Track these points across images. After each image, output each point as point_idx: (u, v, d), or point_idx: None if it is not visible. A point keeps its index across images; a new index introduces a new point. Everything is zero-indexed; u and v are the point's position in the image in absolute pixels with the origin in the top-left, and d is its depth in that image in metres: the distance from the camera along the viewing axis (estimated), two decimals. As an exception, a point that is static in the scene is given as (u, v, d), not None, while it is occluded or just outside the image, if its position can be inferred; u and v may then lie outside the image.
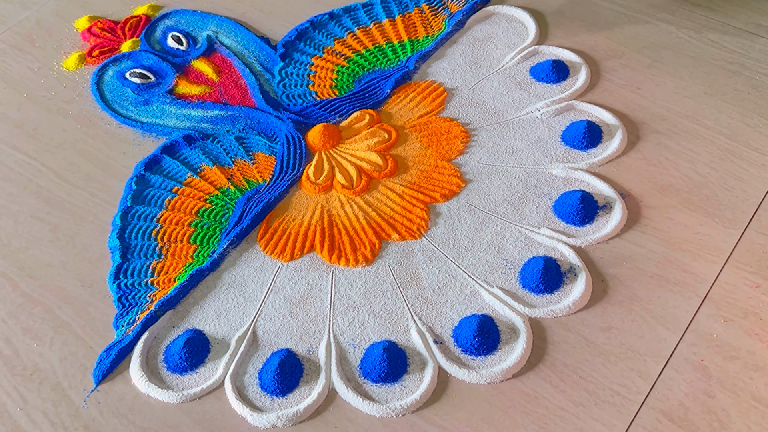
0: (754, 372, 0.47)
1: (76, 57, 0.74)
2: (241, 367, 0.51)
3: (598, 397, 0.47)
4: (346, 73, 0.70)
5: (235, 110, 0.68)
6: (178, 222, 0.60)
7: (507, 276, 0.54)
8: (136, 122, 0.68)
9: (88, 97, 0.71)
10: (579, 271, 0.53)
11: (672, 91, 0.62)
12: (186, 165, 0.64)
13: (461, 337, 0.50)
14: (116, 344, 0.52)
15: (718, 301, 0.51)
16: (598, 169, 0.60)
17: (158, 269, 0.57)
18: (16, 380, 0.52)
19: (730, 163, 0.59)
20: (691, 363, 0.48)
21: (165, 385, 0.50)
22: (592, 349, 0.49)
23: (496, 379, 0.49)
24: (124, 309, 0.55)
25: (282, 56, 0.72)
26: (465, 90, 0.67)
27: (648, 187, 0.58)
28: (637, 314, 0.51)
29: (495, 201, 0.59)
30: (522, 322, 0.51)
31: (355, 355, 0.51)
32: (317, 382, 0.50)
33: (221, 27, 0.76)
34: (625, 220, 0.56)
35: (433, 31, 0.73)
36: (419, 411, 0.48)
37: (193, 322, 0.54)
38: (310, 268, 0.56)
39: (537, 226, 0.56)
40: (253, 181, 0.62)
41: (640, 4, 0.73)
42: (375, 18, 0.75)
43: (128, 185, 0.63)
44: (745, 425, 0.45)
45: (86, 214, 0.61)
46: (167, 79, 0.72)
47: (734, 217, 0.55)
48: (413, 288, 0.54)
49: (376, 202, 0.59)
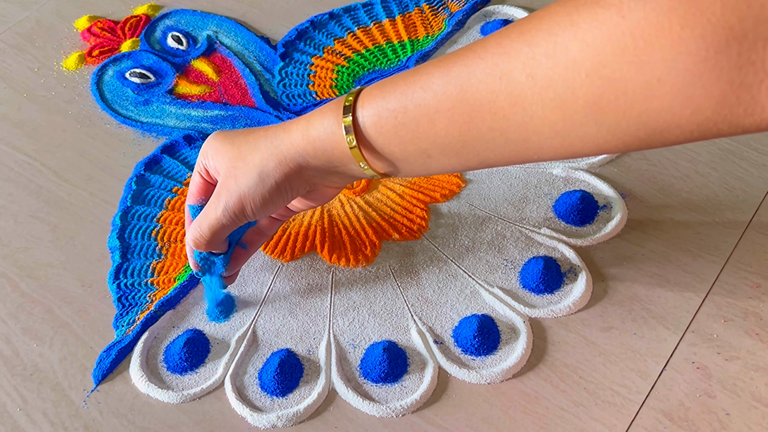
0: (755, 372, 0.47)
1: (76, 57, 0.75)
2: (241, 367, 0.51)
3: (598, 397, 0.47)
4: (346, 73, 0.71)
5: (235, 110, 0.68)
6: (178, 222, 0.60)
7: (507, 276, 0.54)
8: (136, 122, 0.68)
9: (88, 97, 0.71)
10: (579, 271, 0.53)
11: (672, 91, 0.62)
12: (186, 165, 0.64)
13: (461, 337, 0.50)
14: (116, 344, 0.52)
15: (718, 301, 0.51)
16: (598, 169, 0.60)
17: (158, 269, 0.57)
18: (16, 380, 0.52)
19: (730, 163, 0.59)
20: (691, 363, 0.48)
21: (165, 385, 0.50)
22: (592, 349, 0.50)
23: (496, 379, 0.49)
24: (124, 309, 0.55)
25: (282, 56, 0.72)
26: (465, 90, 0.67)
27: (648, 187, 0.58)
28: (637, 314, 0.51)
29: (495, 201, 0.59)
30: (522, 322, 0.51)
31: (355, 355, 0.51)
32: (317, 382, 0.50)
33: (221, 27, 0.76)
34: (626, 220, 0.56)
35: (434, 30, 0.73)
36: (419, 411, 0.48)
37: (193, 322, 0.54)
38: (310, 268, 0.56)
39: (537, 226, 0.56)
40: (253, 181, 0.62)
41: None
42: (375, 18, 0.75)
43: (128, 185, 0.63)
44: (746, 425, 0.45)
45: (86, 214, 0.61)
46: (167, 78, 0.72)
47: (734, 217, 0.55)
48: (413, 288, 0.54)
49: (376, 202, 0.59)
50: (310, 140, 0.43)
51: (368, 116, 0.41)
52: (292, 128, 0.44)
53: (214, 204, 0.46)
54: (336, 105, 0.43)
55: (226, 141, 0.47)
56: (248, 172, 0.45)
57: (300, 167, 0.44)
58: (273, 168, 0.44)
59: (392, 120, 0.41)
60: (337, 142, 0.42)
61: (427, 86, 0.39)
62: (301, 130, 0.44)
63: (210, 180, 0.49)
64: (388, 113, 0.41)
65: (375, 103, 0.41)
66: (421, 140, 0.40)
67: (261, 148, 0.45)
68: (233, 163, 0.45)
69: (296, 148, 0.44)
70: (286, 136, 0.44)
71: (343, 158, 0.43)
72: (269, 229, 0.53)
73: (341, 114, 0.42)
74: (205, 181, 0.49)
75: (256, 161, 0.45)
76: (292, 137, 0.44)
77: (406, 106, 0.40)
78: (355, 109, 0.42)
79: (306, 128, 0.44)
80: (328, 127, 0.42)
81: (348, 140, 0.42)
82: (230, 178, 0.45)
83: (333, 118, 0.43)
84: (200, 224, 0.47)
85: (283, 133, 0.45)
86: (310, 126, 0.43)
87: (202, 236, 0.47)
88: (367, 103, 0.42)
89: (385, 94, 0.41)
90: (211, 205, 0.46)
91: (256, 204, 0.45)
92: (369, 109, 0.41)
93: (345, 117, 0.42)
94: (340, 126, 0.42)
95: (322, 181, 0.47)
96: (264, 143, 0.45)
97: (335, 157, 0.43)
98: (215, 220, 0.46)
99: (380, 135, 0.41)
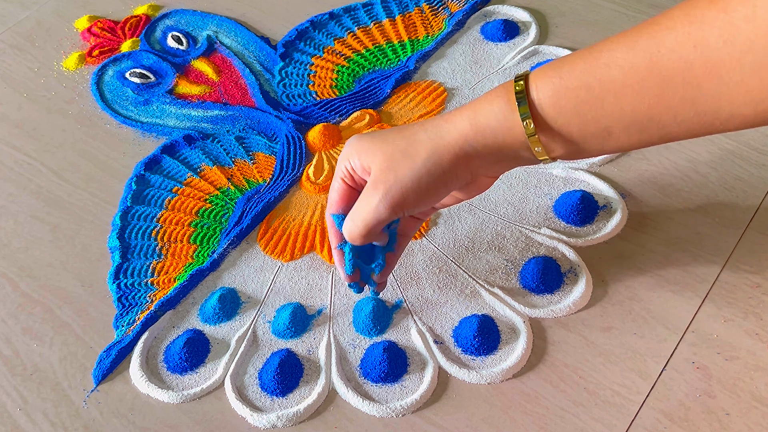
0: (755, 372, 0.47)
1: (76, 57, 0.75)
2: (241, 367, 0.51)
3: (598, 397, 0.47)
4: (347, 73, 0.71)
5: (235, 110, 0.68)
6: (178, 222, 0.60)
7: (507, 276, 0.54)
8: (136, 122, 0.68)
9: (88, 97, 0.71)
10: (579, 271, 0.53)
11: (672, 91, 0.61)
12: (186, 165, 0.64)
13: (461, 337, 0.50)
14: (116, 344, 0.52)
15: (718, 301, 0.51)
16: (598, 169, 0.60)
17: (158, 269, 0.57)
18: (16, 380, 0.52)
19: (730, 163, 0.59)
20: (691, 363, 0.48)
21: (165, 385, 0.50)
22: (592, 349, 0.49)
23: (496, 379, 0.49)
24: (124, 309, 0.55)
25: (282, 56, 0.72)
26: (465, 90, 0.67)
27: (648, 187, 0.58)
28: (637, 314, 0.51)
29: (495, 201, 0.59)
30: (522, 322, 0.51)
31: (355, 355, 0.51)
32: (317, 382, 0.50)
33: (221, 27, 0.77)
34: (625, 220, 0.56)
35: (433, 30, 0.73)
36: (419, 411, 0.48)
37: (193, 322, 0.54)
38: (310, 268, 0.56)
39: (537, 226, 0.56)
40: (253, 181, 0.62)
41: (641, 4, 0.73)
42: (375, 18, 0.75)
43: (128, 185, 0.63)
44: (746, 425, 0.45)
45: (86, 214, 0.61)
46: (167, 79, 0.72)
47: (734, 217, 0.55)
48: (413, 288, 0.54)
49: (376, 202, 0.59)
50: (479, 128, 0.42)
51: (546, 98, 0.40)
52: (455, 119, 0.43)
53: (368, 198, 0.44)
54: (503, 90, 0.42)
55: (375, 139, 0.46)
56: (410, 164, 0.44)
57: (468, 157, 0.44)
58: (438, 159, 0.44)
59: (573, 99, 0.40)
60: (510, 128, 0.42)
61: (611, 62, 0.39)
62: (467, 119, 0.43)
63: (355, 184, 0.48)
64: (569, 93, 0.40)
65: (552, 85, 0.41)
66: (604, 118, 0.40)
67: (422, 140, 0.44)
68: (391, 157, 0.45)
69: (464, 137, 0.43)
70: (451, 127, 0.44)
71: (515, 144, 0.42)
72: (410, 229, 0.52)
73: (513, 99, 0.41)
74: (349, 187, 0.48)
75: (420, 153, 0.44)
76: (457, 127, 0.43)
77: (589, 84, 0.39)
78: (529, 93, 0.41)
79: (473, 117, 0.43)
80: (499, 113, 0.42)
81: (525, 124, 0.41)
82: (388, 171, 0.44)
83: (503, 103, 0.41)
84: (354, 218, 0.45)
85: (445, 124, 0.44)
86: (477, 114, 0.43)
87: (356, 229, 0.45)
88: (542, 85, 0.41)
89: (563, 74, 0.40)
90: (365, 199, 0.45)
91: (419, 195, 0.44)
92: (546, 90, 0.40)
93: (519, 101, 0.41)
94: (513, 111, 0.41)
95: (486, 171, 0.45)
96: (424, 136, 0.44)
97: (506, 144, 0.43)
98: (372, 212, 0.44)
99: (560, 116, 0.40)
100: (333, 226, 0.49)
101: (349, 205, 0.48)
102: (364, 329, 0.51)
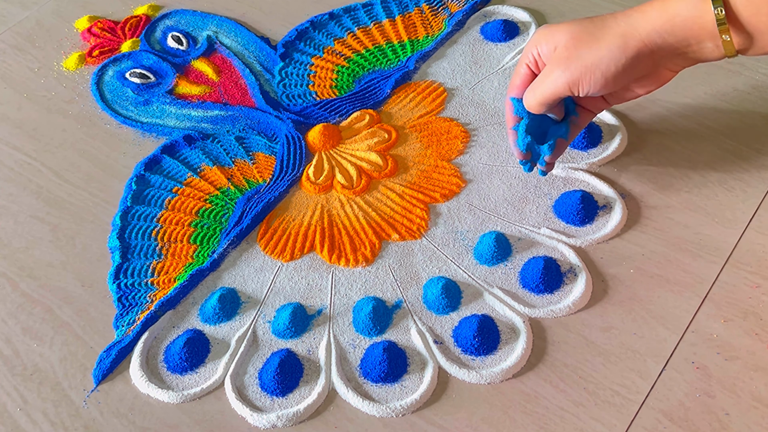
0: (754, 372, 0.47)
1: (76, 57, 0.75)
2: (241, 367, 0.51)
3: (598, 397, 0.47)
4: (346, 73, 0.71)
5: (235, 110, 0.68)
6: (178, 222, 0.60)
7: (507, 276, 0.54)
8: (136, 122, 0.68)
9: (88, 97, 0.71)
10: (579, 271, 0.53)
11: (672, 91, 0.62)
12: (186, 165, 0.64)
13: (461, 337, 0.50)
14: (116, 344, 0.52)
15: (718, 301, 0.51)
16: (598, 169, 0.60)
17: (158, 269, 0.57)
18: (16, 380, 0.52)
19: (730, 163, 0.59)
20: (691, 363, 0.48)
21: (165, 385, 0.50)
22: (592, 349, 0.49)
23: (496, 379, 0.49)
24: (124, 309, 0.55)
25: (282, 56, 0.72)
26: (465, 90, 0.67)
27: (648, 187, 0.58)
28: (637, 314, 0.51)
29: (495, 201, 0.59)
30: (522, 322, 0.51)
31: (355, 355, 0.51)
32: (317, 382, 0.50)
33: (221, 27, 0.77)
34: (625, 220, 0.56)
35: (433, 31, 0.73)
36: (419, 411, 0.48)
37: (194, 322, 0.54)
38: (310, 268, 0.56)
39: (537, 226, 0.56)
40: (253, 181, 0.62)
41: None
42: (375, 18, 0.75)
43: (128, 185, 0.63)
44: (746, 425, 0.45)
45: (86, 214, 0.61)
46: (167, 79, 0.72)
47: (734, 217, 0.55)
48: (413, 288, 0.54)
49: (376, 202, 0.59)
50: (669, 17, 0.45)
51: None
52: (647, 9, 0.46)
53: (550, 71, 0.48)
54: None
55: (562, 25, 0.49)
56: (596, 44, 0.47)
57: (655, 46, 0.46)
58: (624, 43, 0.46)
59: None
60: (699, 16, 0.44)
61: None
62: (657, 10, 0.45)
63: (538, 71, 0.51)
64: None
65: None
66: None
67: (613, 27, 0.47)
68: (577, 36, 0.47)
69: (654, 26, 0.46)
70: (641, 16, 0.46)
71: (701, 34, 0.45)
72: (583, 121, 0.54)
73: None
74: (532, 73, 0.51)
75: (608, 38, 0.46)
76: (648, 16, 0.46)
77: None
78: None
79: (663, 7, 0.45)
80: (690, 2, 0.44)
81: (716, 12, 0.43)
82: (573, 48, 0.47)
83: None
84: (534, 88, 0.49)
85: (636, 14, 0.47)
86: (667, 4, 0.45)
87: (534, 98, 0.49)
88: None
89: None
90: (547, 72, 0.48)
91: (598, 77, 0.47)
92: None
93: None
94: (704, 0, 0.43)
95: (666, 63, 0.48)
96: (615, 23, 0.47)
97: (693, 33, 0.45)
98: (551, 84, 0.48)
99: (751, 4, 0.43)
100: (510, 109, 0.53)
101: None
102: (364, 329, 0.52)
